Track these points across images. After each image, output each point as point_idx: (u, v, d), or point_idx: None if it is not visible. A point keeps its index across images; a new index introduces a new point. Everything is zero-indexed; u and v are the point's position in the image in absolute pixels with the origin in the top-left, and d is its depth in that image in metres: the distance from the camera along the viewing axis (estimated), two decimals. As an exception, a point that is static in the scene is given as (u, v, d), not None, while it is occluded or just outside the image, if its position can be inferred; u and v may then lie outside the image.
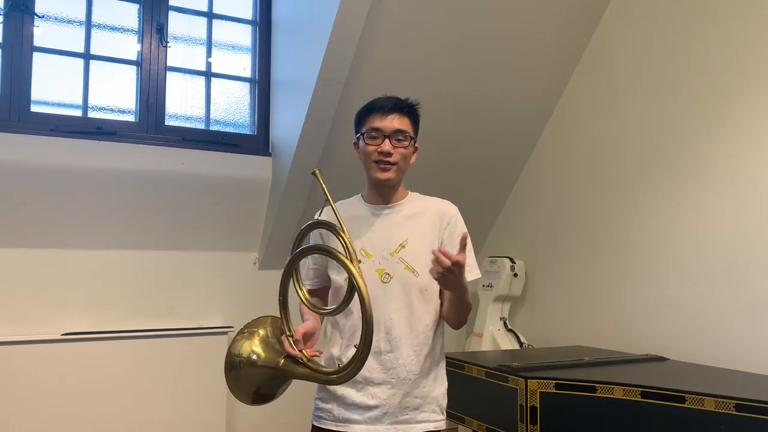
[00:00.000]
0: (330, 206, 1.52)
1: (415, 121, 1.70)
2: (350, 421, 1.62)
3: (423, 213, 1.71)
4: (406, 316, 1.63)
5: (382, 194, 1.70)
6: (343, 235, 1.48)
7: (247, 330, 1.62)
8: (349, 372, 1.47)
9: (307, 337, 1.58)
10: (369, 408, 1.61)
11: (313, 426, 1.69)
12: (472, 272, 1.67)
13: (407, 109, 1.68)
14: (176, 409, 3.10)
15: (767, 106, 2.64)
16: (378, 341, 1.60)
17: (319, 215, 1.57)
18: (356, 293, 1.42)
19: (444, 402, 1.70)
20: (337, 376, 1.50)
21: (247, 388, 1.59)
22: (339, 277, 1.66)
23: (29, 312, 2.96)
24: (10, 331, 2.89)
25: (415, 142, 1.70)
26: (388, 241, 1.65)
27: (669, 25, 3.07)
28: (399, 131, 1.64)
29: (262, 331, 1.61)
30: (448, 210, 1.73)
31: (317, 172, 1.56)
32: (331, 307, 1.59)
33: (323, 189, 1.52)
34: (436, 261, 1.46)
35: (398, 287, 1.62)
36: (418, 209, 1.71)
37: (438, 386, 1.69)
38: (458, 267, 1.46)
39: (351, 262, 1.44)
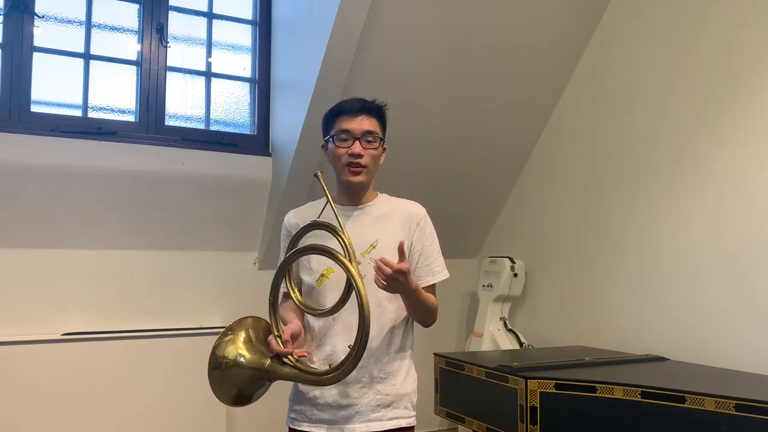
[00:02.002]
0: (330, 207, 1.55)
1: (382, 122, 1.71)
2: (323, 421, 1.62)
3: (392, 214, 1.72)
4: (377, 315, 1.63)
5: (352, 196, 1.72)
6: (343, 236, 1.50)
7: (231, 332, 1.60)
8: (341, 372, 1.47)
9: (294, 337, 1.58)
10: (342, 407, 1.61)
11: (289, 428, 1.69)
12: (439, 273, 1.71)
13: (375, 110, 1.69)
14: (176, 409, 3.10)
15: (766, 106, 2.64)
16: (349, 341, 1.60)
17: (320, 216, 1.60)
18: (354, 293, 1.44)
19: (415, 398, 1.71)
20: (328, 377, 1.49)
21: (229, 389, 1.57)
22: (310, 278, 1.66)
23: (29, 312, 2.96)
24: (10, 331, 2.89)
25: (383, 143, 1.71)
26: (359, 242, 1.65)
27: (668, 25, 3.07)
28: (369, 132, 1.66)
29: (244, 334, 1.60)
30: (417, 212, 1.74)
31: (319, 174, 1.58)
32: (325, 308, 1.59)
33: (325, 191, 1.55)
34: (378, 270, 1.48)
35: (369, 287, 1.60)
36: (387, 210, 1.73)
37: (409, 383, 1.70)
38: (401, 274, 1.48)
39: (350, 262, 1.45)
